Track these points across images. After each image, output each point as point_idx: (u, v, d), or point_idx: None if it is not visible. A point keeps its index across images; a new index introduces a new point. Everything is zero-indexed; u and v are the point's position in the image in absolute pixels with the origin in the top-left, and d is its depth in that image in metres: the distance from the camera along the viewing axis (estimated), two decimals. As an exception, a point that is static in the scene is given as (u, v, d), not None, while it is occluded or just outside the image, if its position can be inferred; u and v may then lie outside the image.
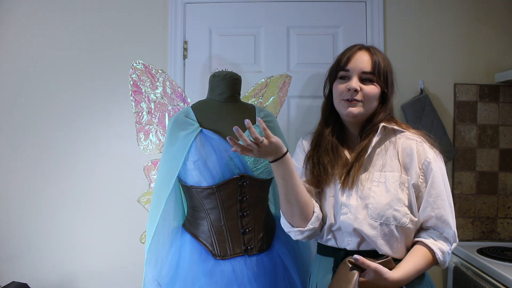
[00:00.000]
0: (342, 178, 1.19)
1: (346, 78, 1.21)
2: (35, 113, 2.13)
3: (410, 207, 1.16)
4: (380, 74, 1.19)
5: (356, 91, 1.17)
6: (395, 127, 1.21)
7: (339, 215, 1.18)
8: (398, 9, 2.11)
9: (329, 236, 1.21)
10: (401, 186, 1.15)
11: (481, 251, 1.84)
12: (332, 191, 1.22)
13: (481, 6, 2.09)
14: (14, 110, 2.13)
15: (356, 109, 1.18)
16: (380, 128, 1.19)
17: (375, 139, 1.18)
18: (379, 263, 1.08)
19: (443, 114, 2.08)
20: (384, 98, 1.22)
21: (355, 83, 1.17)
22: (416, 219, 1.16)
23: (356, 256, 1.05)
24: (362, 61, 1.19)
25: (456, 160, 2.08)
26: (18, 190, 2.13)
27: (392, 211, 1.13)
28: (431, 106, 2.03)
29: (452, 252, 1.97)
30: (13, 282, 1.93)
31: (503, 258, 1.72)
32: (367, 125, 1.21)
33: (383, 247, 1.14)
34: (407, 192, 1.15)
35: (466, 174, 2.08)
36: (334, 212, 1.20)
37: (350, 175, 1.18)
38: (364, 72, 1.18)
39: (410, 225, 1.15)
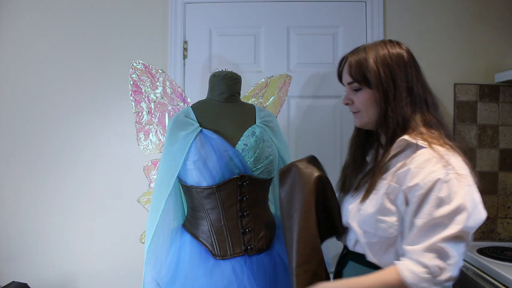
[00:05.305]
0: (356, 184, 1.17)
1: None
2: (35, 113, 2.13)
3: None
4: (362, 77, 1.10)
5: (347, 104, 1.17)
6: (416, 141, 1.05)
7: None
8: (398, 9, 2.11)
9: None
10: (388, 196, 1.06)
11: (481, 251, 1.84)
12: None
13: (481, 6, 2.09)
14: (12, 109, 2.13)
15: (357, 121, 1.17)
16: (398, 141, 1.07)
17: (392, 152, 1.08)
18: None
19: (443, 114, 2.06)
20: (387, 98, 1.08)
21: (344, 97, 1.16)
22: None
23: None
24: (346, 72, 1.14)
25: (456, 160, 2.08)
26: (17, 190, 2.13)
27: (377, 221, 1.06)
28: (431, 106, 2.04)
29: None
30: (13, 282, 1.93)
31: (503, 258, 1.72)
32: (385, 132, 1.11)
33: (369, 255, 1.09)
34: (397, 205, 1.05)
35: (466, 174, 2.08)
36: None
37: (362, 181, 1.15)
38: (349, 83, 1.14)
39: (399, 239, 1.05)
